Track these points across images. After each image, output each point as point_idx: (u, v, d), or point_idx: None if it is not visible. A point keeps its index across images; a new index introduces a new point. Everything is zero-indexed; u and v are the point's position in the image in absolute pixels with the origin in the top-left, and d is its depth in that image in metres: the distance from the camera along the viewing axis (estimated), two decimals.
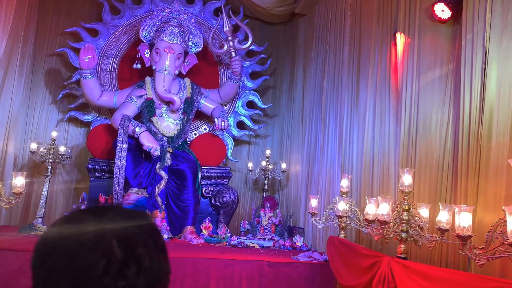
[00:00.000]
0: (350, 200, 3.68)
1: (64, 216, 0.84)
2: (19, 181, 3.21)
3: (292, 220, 5.91)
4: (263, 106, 6.65)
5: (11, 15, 4.89)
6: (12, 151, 5.71)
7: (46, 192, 5.53)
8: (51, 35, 6.41)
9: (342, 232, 3.66)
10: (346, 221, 3.59)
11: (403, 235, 2.81)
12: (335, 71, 5.36)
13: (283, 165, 6.38)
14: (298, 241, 5.18)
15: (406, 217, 2.80)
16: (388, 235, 2.84)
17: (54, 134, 5.65)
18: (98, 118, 6.16)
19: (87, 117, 6.17)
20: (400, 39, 4.06)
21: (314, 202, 3.92)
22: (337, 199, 3.57)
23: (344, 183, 3.78)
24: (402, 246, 2.83)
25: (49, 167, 5.56)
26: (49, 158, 5.54)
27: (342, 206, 3.50)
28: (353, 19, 5.06)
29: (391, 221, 2.83)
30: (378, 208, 2.92)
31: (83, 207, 4.70)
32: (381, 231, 2.89)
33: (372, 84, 4.44)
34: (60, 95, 6.16)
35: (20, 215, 5.97)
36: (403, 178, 2.88)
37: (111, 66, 6.22)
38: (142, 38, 5.85)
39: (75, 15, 6.40)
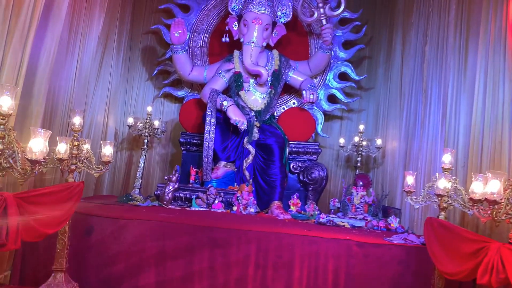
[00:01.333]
0: (453, 177, 3.22)
1: None
2: (107, 150, 3.33)
3: (388, 200, 5.49)
4: (357, 78, 6.22)
5: None
6: (112, 125, 6.07)
7: (143, 164, 5.80)
8: (146, 12, 6.62)
9: (442, 213, 3.22)
10: (448, 200, 3.15)
11: None
12: (439, 35, 4.75)
13: (379, 141, 5.93)
14: (393, 222, 4.76)
15: None
16: (499, 217, 2.40)
17: (149, 109, 5.88)
18: (191, 94, 6.27)
19: (180, 93, 6.32)
20: None
21: (410, 179, 3.52)
22: (438, 176, 3.14)
23: (447, 158, 3.31)
24: None
25: (146, 141, 5.81)
26: (145, 132, 5.78)
27: (443, 183, 3.07)
28: None
29: (502, 201, 2.38)
30: (487, 186, 2.48)
31: (173, 178, 4.82)
32: (489, 212, 2.46)
33: (484, 45, 3.83)
34: (155, 72, 6.38)
35: (121, 186, 6.37)
36: None
37: (202, 42, 6.26)
38: (230, 11, 5.77)
39: None
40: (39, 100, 3.57)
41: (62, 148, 2.89)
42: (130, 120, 5.82)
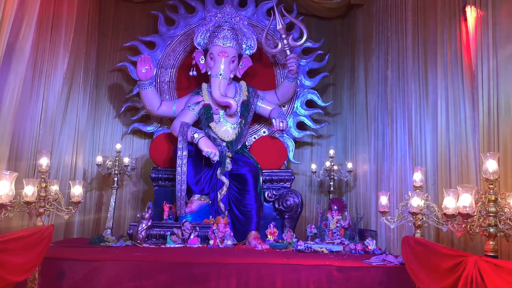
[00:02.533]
0: (426, 195, 3.29)
1: None
2: (77, 190, 3.23)
3: (363, 222, 5.54)
4: (323, 104, 6.37)
5: (71, 33, 5.07)
6: (81, 165, 5.91)
7: (113, 204, 5.64)
8: (112, 51, 6.61)
9: (418, 231, 3.27)
10: (422, 218, 3.21)
11: (491, 230, 2.41)
12: (399, 59, 4.96)
13: (349, 165, 6.03)
14: (371, 244, 4.80)
15: (493, 209, 2.41)
16: (473, 231, 2.45)
17: (118, 146, 5.78)
18: (160, 128, 6.23)
19: (149, 128, 6.27)
20: (471, 13, 3.62)
21: (384, 200, 3.57)
22: (410, 195, 3.20)
23: (417, 176, 3.40)
24: (491, 242, 2.43)
25: (116, 179, 5.68)
26: (114, 170, 5.66)
27: (416, 201, 3.13)
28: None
29: (475, 214, 2.44)
30: (459, 200, 2.54)
31: (146, 215, 4.71)
32: (463, 226, 2.51)
33: (442, 66, 4.01)
34: (123, 109, 6.32)
35: (92, 227, 6.15)
36: (486, 164, 2.49)
37: (169, 77, 6.28)
38: (196, 45, 5.84)
39: (133, 30, 6.57)
40: (3, 143, 3.44)
41: (30, 190, 2.79)
42: (99, 159, 5.70)
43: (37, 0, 3.68)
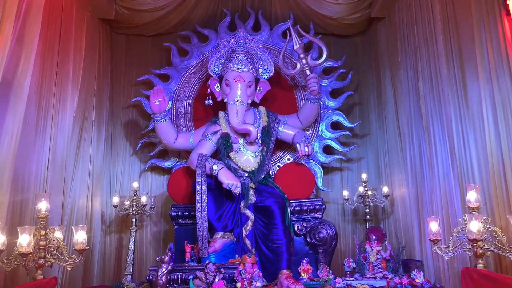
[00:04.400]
0: (484, 217, 2.78)
1: None
2: (80, 236, 2.86)
3: (406, 252, 4.97)
4: (350, 125, 5.92)
5: (80, 70, 4.88)
6: (98, 207, 5.61)
7: (133, 247, 5.30)
8: (126, 86, 6.43)
9: (480, 261, 2.74)
10: (484, 245, 2.68)
11: None
12: (431, 68, 4.53)
13: (385, 189, 5.51)
14: (418, 277, 4.24)
15: None
16: None
17: (135, 185, 5.48)
18: (179, 163, 5.89)
19: (167, 163, 5.94)
20: None
21: (434, 226, 3.07)
22: (467, 217, 2.70)
23: (472, 196, 2.90)
24: None
25: (134, 220, 5.36)
26: (132, 210, 5.33)
27: (475, 226, 2.63)
28: (443, 2, 4.27)
29: None
30: None
31: (166, 258, 4.30)
32: None
33: (483, 69, 3.56)
34: (139, 145, 6.05)
35: (112, 273, 5.77)
36: None
37: (186, 108, 6.00)
38: (211, 73, 5.56)
39: (146, 64, 6.36)
40: (3, 189, 3.13)
41: (25, 240, 2.44)
42: (116, 200, 5.38)
43: (35, 34, 3.46)
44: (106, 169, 5.98)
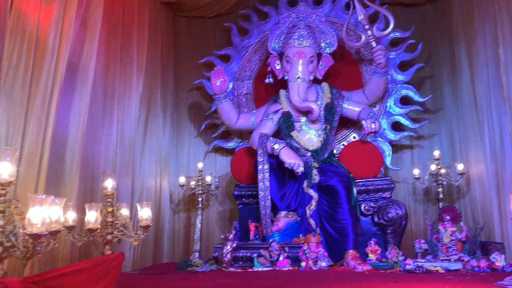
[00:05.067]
0: None
1: None
2: (145, 213, 2.92)
3: (484, 234, 4.60)
4: (421, 100, 5.55)
5: (144, 54, 4.99)
6: (166, 188, 5.81)
7: (199, 225, 5.42)
8: (188, 69, 6.52)
9: None
10: None
11: None
12: None
13: (460, 167, 5.12)
14: (498, 260, 3.89)
15: None
16: None
17: (200, 165, 5.58)
18: (241, 144, 5.90)
19: (230, 144, 5.98)
20: None
21: None
22: None
23: None
24: None
25: (200, 199, 5.46)
26: (198, 189, 5.44)
27: None
28: None
29: None
30: None
31: (231, 236, 4.34)
32: None
33: None
34: (203, 127, 6.13)
35: (181, 251, 5.98)
36: None
37: (247, 89, 5.96)
38: (271, 51, 5.45)
39: (208, 46, 6.39)
40: (73, 170, 3.29)
41: (92, 216, 2.53)
42: (182, 180, 5.52)
43: (98, 18, 3.56)
44: (172, 151, 6.16)
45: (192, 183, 5.55)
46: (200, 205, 5.43)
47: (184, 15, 6.57)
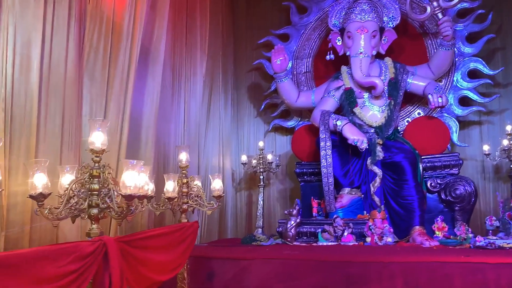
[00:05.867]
0: None
1: None
2: (217, 184, 3.06)
3: None
4: (491, 73, 5.28)
5: (206, 36, 5.11)
6: (228, 167, 5.98)
7: (262, 202, 5.53)
8: (247, 50, 6.60)
9: None
10: None
11: None
12: None
13: None
14: None
15: None
16: None
17: (261, 144, 5.67)
18: (301, 122, 5.92)
19: (290, 123, 6.02)
20: None
21: None
22: None
23: None
24: None
25: (261, 177, 5.57)
26: (260, 168, 5.55)
27: None
28: None
29: None
30: None
31: (294, 212, 4.42)
32: None
33: None
34: (262, 106, 6.21)
35: (244, 227, 6.16)
36: None
37: (306, 67, 5.95)
38: (331, 27, 5.38)
39: (266, 26, 6.41)
40: (148, 145, 3.50)
41: (170, 186, 2.69)
42: (244, 158, 5.65)
43: (167, 1, 3.69)
44: (233, 131, 6.31)
45: (254, 161, 5.66)
46: (261, 182, 5.54)
47: None
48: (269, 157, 5.51)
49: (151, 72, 3.57)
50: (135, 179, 1.86)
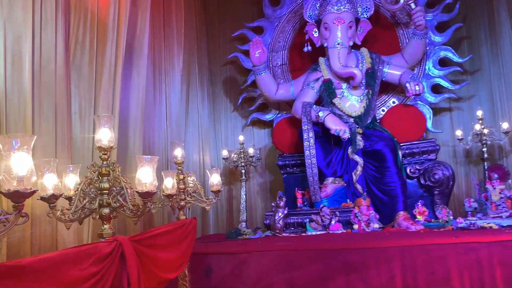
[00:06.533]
0: None
1: None
2: (215, 178, 3.02)
3: None
4: (460, 61, 5.49)
5: (182, 29, 5.01)
6: (208, 162, 5.91)
7: (245, 196, 5.51)
8: (221, 44, 6.54)
9: None
10: None
11: None
12: None
13: (505, 125, 5.08)
14: None
15: None
16: None
17: (241, 138, 5.64)
18: (279, 115, 5.95)
19: (268, 116, 6.03)
20: None
21: None
22: None
23: None
24: None
25: (243, 171, 5.54)
26: (241, 162, 5.52)
27: None
28: None
29: None
30: None
31: (282, 203, 4.44)
32: None
33: None
34: (240, 100, 6.18)
35: (225, 222, 6.13)
36: None
37: (282, 59, 5.97)
38: (307, 19, 5.41)
39: (239, 19, 6.38)
40: (136, 139, 3.40)
41: (169, 183, 2.63)
42: (225, 153, 5.61)
43: None
44: (211, 126, 6.24)
45: (234, 155, 5.63)
46: (243, 176, 5.52)
47: None
48: (251, 151, 5.49)
49: (135, 67, 3.46)
50: (150, 175, 1.80)
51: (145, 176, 1.79)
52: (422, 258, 2.96)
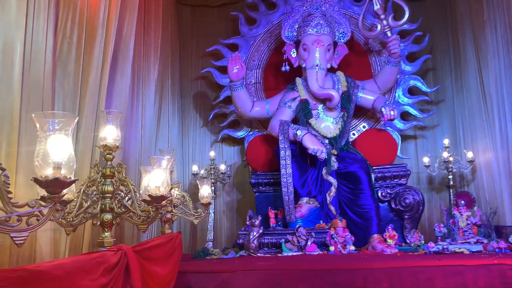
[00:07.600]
0: None
1: None
2: (205, 190, 2.85)
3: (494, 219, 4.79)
4: (429, 90, 5.71)
5: (159, 39, 4.86)
6: (175, 178, 5.67)
7: (213, 215, 5.34)
8: (194, 58, 6.41)
9: None
10: None
11: None
12: None
13: (469, 154, 5.29)
14: None
15: None
16: None
17: (212, 154, 5.51)
18: (251, 133, 5.86)
19: (239, 133, 5.93)
20: None
21: None
22: None
23: None
24: None
25: (212, 188, 5.36)
26: (210, 178, 5.35)
27: None
28: None
29: None
30: None
31: (257, 222, 4.31)
32: None
33: None
34: (211, 116, 6.04)
35: (188, 242, 5.87)
36: None
37: (256, 78, 5.93)
38: (285, 39, 5.44)
39: (213, 35, 6.29)
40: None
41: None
42: (195, 168, 5.42)
43: None
44: (179, 141, 6.03)
45: (202, 171, 5.45)
46: (213, 194, 5.34)
47: (188, 3, 6.46)
48: (222, 167, 5.34)
49: (120, 70, 3.25)
50: (163, 178, 1.63)
51: (157, 179, 1.62)
52: (411, 279, 2.94)
